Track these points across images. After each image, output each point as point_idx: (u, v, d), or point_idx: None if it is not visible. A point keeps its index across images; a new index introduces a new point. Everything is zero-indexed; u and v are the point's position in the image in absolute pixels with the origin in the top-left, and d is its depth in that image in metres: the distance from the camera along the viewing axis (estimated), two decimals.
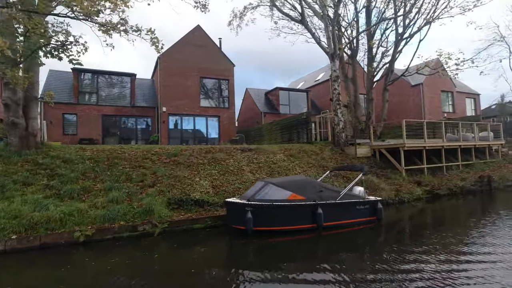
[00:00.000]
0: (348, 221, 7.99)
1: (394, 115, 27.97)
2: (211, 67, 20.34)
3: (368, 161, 14.24)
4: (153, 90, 21.20)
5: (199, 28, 20.21)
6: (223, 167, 11.24)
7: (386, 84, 15.76)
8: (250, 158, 12.27)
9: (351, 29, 17.09)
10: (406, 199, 11.56)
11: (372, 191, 11.59)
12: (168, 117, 18.85)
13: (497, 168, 16.05)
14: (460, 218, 9.74)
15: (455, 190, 12.94)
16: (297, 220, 7.51)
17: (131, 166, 10.33)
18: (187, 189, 9.51)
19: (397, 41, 14.93)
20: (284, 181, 8.18)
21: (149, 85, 21.88)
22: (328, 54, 14.27)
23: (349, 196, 8.20)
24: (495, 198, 12.88)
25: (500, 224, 8.11)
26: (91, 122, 17.74)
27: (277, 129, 18.18)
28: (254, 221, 7.20)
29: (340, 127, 14.78)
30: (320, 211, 7.52)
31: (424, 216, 10.32)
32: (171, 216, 8.38)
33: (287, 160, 12.76)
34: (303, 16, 14.18)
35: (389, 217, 9.85)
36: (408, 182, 12.78)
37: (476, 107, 30.84)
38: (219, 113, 20.46)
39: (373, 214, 8.33)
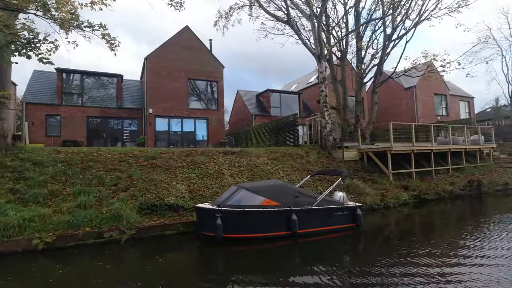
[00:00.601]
0: (325, 228, 7.65)
1: (388, 118, 27.68)
2: (200, 69, 20.04)
3: (355, 165, 13.94)
4: (141, 92, 20.87)
5: (187, 29, 19.93)
6: (202, 170, 10.89)
7: (375, 86, 15.48)
8: (232, 162, 11.93)
9: (340, 30, 16.84)
10: (391, 204, 11.24)
11: (356, 196, 11.30)
12: (155, 119, 18.50)
13: (487, 172, 15.77)
14: (446, 224, 9.40)
15: (443, 195, 12.62)
16: (270, 227, 7.16)
17: (106, 169, 9.97)
18: (161, 193, 9.15)
19: (385, 43, 14.68)
20: (258, 186, 7.84)
21: (138, 86, 21.55)
22: (315, 56, 13.98)
23: (327, 202, 7.87)
24: (484, 203, 12.57)
25: (488, 231, 7.78)
26: (75, 123, 17.37)
27: (265, 131, 17.87)
28: (224, 227, 6.85)
29: (327, 129, 14.48)
30: (295, 218, 7.18)
31: (409, 222, 9.98)
32: (141, 222, 8.02)
33: (271, 163, 12.42)
34: (289, 17, 13.91)
35: (372, 223, 9.55)
36: (395, 186, 12.46)
37: (470, 110, 30.65)
38: (208, 115, 20.13)
39: (353, 220, 8.00)
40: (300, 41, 14.56)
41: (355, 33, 15.94)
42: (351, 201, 10.74)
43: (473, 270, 5.02)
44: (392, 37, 14.77)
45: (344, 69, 16.63)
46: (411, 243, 6.98)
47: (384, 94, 28.54)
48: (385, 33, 14.73)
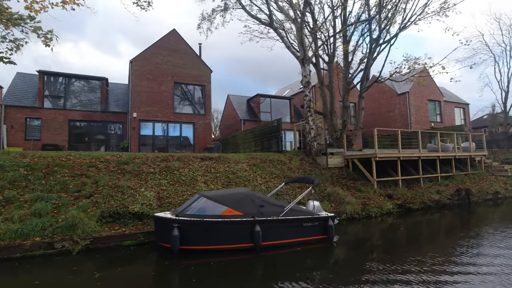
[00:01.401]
0: (292, 240, 7.16)
1: (381, 125, 27.31)
2: (187, 72, 19.73)
3: (339, 172, 13.48)
4: (128, 96, 20.53)
5: (174, 33, 19.68)
6: (175, 176, 10.45)
7: (361, 92, 15.08)
8: (208, 168, 11.49)
9: (328, 33, 16.52)
10: (373, 213, 10.73)
11: (337, 205, 10.85)
12: (139, 123, 18.12)
13: (478, 180, 15.27)
14: (429, 237, 8.87)
15: (429, 204, 12.12)
16: (231, 238, 6.69)
17: (72, 175, 9.54)
18: (127, 201, 8.70)
19: (371, 47, 14.32)
20: (221, 195, 7.39)
21: (124, 90, 21.23)
22: (299, 59, 13.63)
23: (296, 212, 7.39)
24: (472, 213, 12.03)
25: (475, 245, 7.26)
26: (56, 127, 16.99)
27: (251, 137, 17.45)
28: (181, 239, 6.40)
29: (312, 135, 14.05)
30: (258, 229, 6.71)
31: (388, 234, 9.44)
32: (99, 231, 7.57)
33: (249, 170, 11.97)
34: (272, 19, 13.59)
35: (350, 234, 9.06)
36: (379, 195, 11.97)
37: (465, 117, 30.21)
38: (194, 120, 19.75)
39: (324, 232, 7.51)
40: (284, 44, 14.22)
41: (341, 37, 15.60)
42: (330, 211, 10.35)
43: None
44: (379, 41, 14.42)
45: (332, 74, 16.25)
46: (386, 257, 6.47)
47: (377, 100, 28.22)
48: (371, 37, 14.38)
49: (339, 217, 10.21)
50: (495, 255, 6.27)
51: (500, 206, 13.36)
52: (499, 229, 8.88)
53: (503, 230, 8.72)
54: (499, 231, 8.55)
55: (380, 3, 14.01)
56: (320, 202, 10.98)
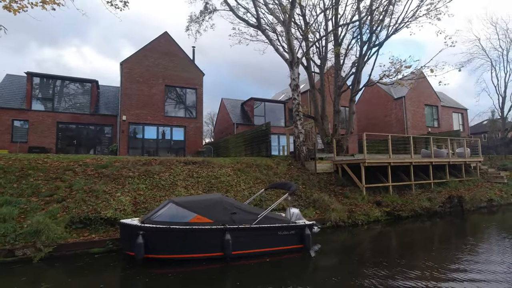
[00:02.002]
0: (266, 250, 6.80)
1: (377, 129, 26.95)
2: (178, 75, 19.52)
3: (328, 178, 13.11)
4: (119, 98, 20.33)
5: (166, 35, 19.51)
6: (154, 181, 10.14)
7: (352, 95, 14.77)
8: (191, 172, 11.17)
9: (319, 34, 16.26)
10: (360, 221, 10.33)
11: (322, 212, 10.48)
12: (129, 126, 17.88)
13: (473, 187, 14.82)
14: (415, 246, 8.46)
15: (420, 212, 11.70)
16: (199, 247, 6.34)
17: (46, 178, 9.24)
18: (100, 206, 8.39)
19: (361, 49, 14.05)
20: (191, 201, 7.07)
21: (116, 92, 21.04)
22: (287, 62, 13.36)
23: (270, 220, 7.03)
24: (464, 221, 11.61)
25: (463, 258, 6.88)
26: (44, 129, 16.78)
27: (241, 141, 17.14)
28: (146, 247, 6.06)
29: (301, 140, 13.72)
30: (229, 237, 6.36)
31: (373, 243, 9.02)
32: (66, 238, 7.25)
33: (233, 174, 11.64)
34: (259, 21, 13.35)
35: (332, 243, 8.67)
36: (367, 201, 11.57)
37: (464, 122, 29.78)
38: (185, 123, 19.49)
39: (300, 241, 7.14)
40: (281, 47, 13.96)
41: (333, 40, 15.33)
42: (315, 218, 9.97)
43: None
44: (370, 44, 14.14)
45: (323, 77, 15.97)
46: (366, 270, 6.08)
47: (374, 105, 27.90)
48: (362, 39, 14.11)
49: (323, 224, 9.89)
50: (486, 271, 5.85)
51: (494, 214, 12.92)
52: (491, 240, 8.48)
53: (495, 241, 8.32)
54: (491, 242, 8.13)
55: (370, 5, 13.76)
56: (305, 208, 10.70)
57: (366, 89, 29.37)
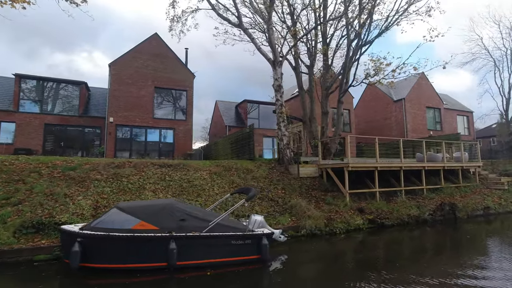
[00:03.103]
0: (217, 260, 6.27)
1: (377, 133, 26.01)
2: (168, 77, 19.28)
3: (311, 182, 12.48)
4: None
5: (156, 37, 19.33)
6: (122, 184, 9.76)
7: (339, 96, 14.12)
8: (163, 175, 10.76)
9: (311, 36, 15.70)
10: (338, 230, 9.67)
11: (298, 219, 9.87)
12: (116, 128, 17.67)
13: (470, 193, 13.91)
14: (390, 259, 7.78)
15: (407, 220, 10.94)
16: (140, 256, 5.87)
17: (7, 180, 8.97)
18: (56, 210, 8.04)
19: (348, 48, 13.41)
20: (136, 206, 6.64)
21: (105, 94, 20.94)
22: (270, 61, 12.87)
23: (224, 228, 6.50)
24: (456, 231, 10.80)
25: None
26: (31, 131, 16.74)
27: (228, 144, 16.70)
28: (83, 255, 5.64)
29: (284, 142, 13.17)
30: (173, 246, 5.87)
31: (347, 255, 8.35)
32: (11, 244, 6.90)
33: (208, 178, 11.17)
34: (240, 20, 12.93)
35: (301, 253, 8.05)
36: (349, 208, 10.90)
37: (469, 125, 28.53)
38: (175, 125, 19.18)
39: (257, 251, 6.58)
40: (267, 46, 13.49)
41: (321, 41, 14.75)
42: (289, 226, 9.39)
43: None
44: (359, 42, 13.50)
45: (312, 78, 15.39)
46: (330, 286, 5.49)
47: (374, 108, 27.06)
48: (349, 38, 13.48)
49: (297, 232, 9.30)
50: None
51: (491, 223, 12.04)
52: (480, 255, 7.71)
53: (483, 257, 7.55)
54: (479, 258, 7.33)
55: (360, 3, 13.16)
56: (280, 215, 10.11)
57: (365, 92, 28.58)
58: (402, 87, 25.29)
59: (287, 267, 6.92)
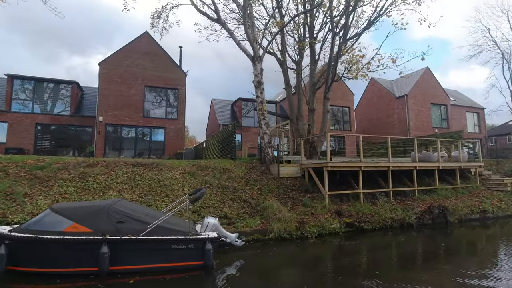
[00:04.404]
0: (154, 266, 5.89)
1: (379, 131, 25.03)
2: (159, 76, 19.13)
3: (292, 183, 11.91)
4: None
5: (147, 35, 19.20)
6: (87, 184, 9.56)
7: (325, 92, 13.43)
8: (133, 175, 10.50)
9: (299, 31, 15.08)
10: (310, 234, 9.07)
11: (269, 222, 9.34)
12: (106, 127, 17.67)
13: (468, 195, 12.91)
14: (360, 269, 7.16)
15: (391, 224, 10.21)
16: (70, 260, 5.57)
17: None
18: (12, 210, 7.92)
19: (333, 41, 12.69)
20: (72, 207, 6.34)
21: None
22: (249, 57, 12.37)
23: (165, 231, 6.10)
24: (446, 237, 9.94)
25: None
26: (22, 130, 16.98)
27: (216, 143, 16.34)
28: (10, 258, 5.39)
29: (266, 141, 12.65)
30: (106, 250, 5.52)
31: (312, 262, 7.73)
32: None
33: (180, 178, 10.83)
34: (218, 14, 12.49)
35: (261, 259, 7.52)
36: (327, 211, 10.27)
37: (480, 122, 26.92)
38: (165, 124, 19.01)
39: (200, 257, 6.14)
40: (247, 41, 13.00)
41: (308, 33, 14.09)
42: (258, 228, 8.90)
43: None
44: (346, 36, 12.78)
45: (300, 74, 14.77)
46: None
47: (376, 105, 26.01)
48: (333, 31, 12.76)
49: (264, 236, 8.80)
50: None
51: (487, 228, 11.09)
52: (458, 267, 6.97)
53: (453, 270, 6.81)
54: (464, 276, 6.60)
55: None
56: (251, 217, 9.62)
57: (368, 88, 27.54)
58: (405, 83, 24.17)
59: (236, 275, 6.42)
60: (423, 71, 23.91)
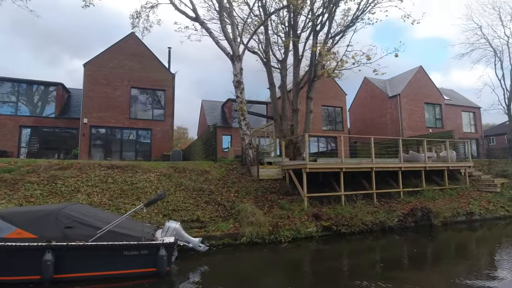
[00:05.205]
0: (103, 273, 5.58)
1: (373, 131, 24.59)
2: (146, 77, 18.90)
3: (272, 185, 11.59)
4: None
5: (133, 36, 18.98)
6: (55, 187, 9.29)
7: (308, 92, 13.10)
8: (106, 177, 10.23)
9: (284, 28, 14.77)
10: (284, 238, 8.72)
11: (242, 225, 9.01)
12: (91, 129, 17.46)
13: (456, 197, 12.51)
14: (327, 278, 6.80)
15: (371, 227, 9.83)
16: (11, 268, 5.28)
17: None
18: None
19: (314, 39, 12.35)
20: (17, 212, 6.06)
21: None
22: (228, 56, 12.09)
23: (117, 236, 5.80)
24: (426, 241, 9.55)
25: None
26: (6, 133, 16.80)
27: (201, 144, 16.07)
28: None
29: (246, 142, 12.35)
30: (49, 257, 5.24)
31: (281, 269, 7.40)
32: None
33: (155, 180, 10.54)
34: (196, 12, 12.23)
35: (226, 265, 7.17)
36: (305, 213, 9.91)
37: (476, 122, 26.42)
38: (152, 126, 18.77)
39: (153, 264, 5.83)
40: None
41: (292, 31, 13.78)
42: (230, 232, 8.57)
43: None
44: (329, 35, 12.46)
45: (284, 74, 14.47)
46: None
47: (369, 105, 25.63)
48: (315, 29, 12.44)
49: (235, 240, 8.47)
50: None
51: (473, 231, 10.68)
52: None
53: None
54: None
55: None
56: (224, 220, 9.30)
57: (361, 88, 27.16)
58: (398, 82, 23.77)
59: (196, 282, 6.10)
60: (417, 70, 23.53)
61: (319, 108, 22.88)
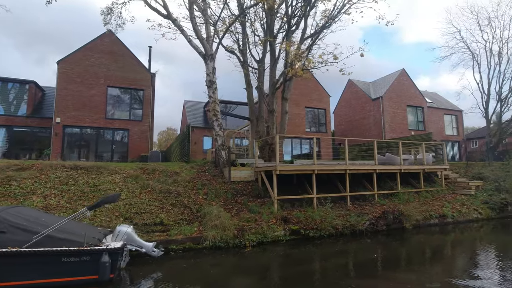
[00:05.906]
0: (38, 282, 5.19)
1: (356, 133, 24.65)
2: (123, 76, 18.41)
3: (243, 187, 11.31)
4: None
5: (110, 34, 18.48)
6: (9, 189, 8.81)
7: (283, 93, 12.89)
8: (66, 179, 9.78)
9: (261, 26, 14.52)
10: (249, 242, 8.43)
11: (206, 229, 8.67)
12: (64, 129, 16.88)
13: (431, 199, 12.44)
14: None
15: (341, 231, 9.61)
16: None
17: None
18: None
19: (289, 39, 12.16)
20: None
21: None
22: (201, 55, 11.79)
23: (56, 242, 5.42)
24: (394, 244, 9.39)
25: None
26: None
27: (178, 145, 15.71)
28: None
29: (219, 143, 12.04)
30: None
31: (240, 275, 7.12)
32: None
33: (120, 182, 10.14)
34: (168, 10, 11.90)
35: (181, 271, 6.81)
36: (273, 217, 9.65)
37: (458, 125, 26.68)
38: (129, 126, 18.28)
39: (95, 271, 5.46)
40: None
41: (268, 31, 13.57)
42: (194, 236, 8.23)
43: None
44: (304, 35, 12.28)
45: (262, 74, 14.22)
46: None
47: (353, 107, 25.64)
48: (289, 29, 12.26)
49: (198, 245, 8.14)
50: None
51: (445, 234, 10.57)
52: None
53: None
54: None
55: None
56: (188, 224, 8.95)
57: (346, 90, 27.17)
58: (381, 85, 23.83)
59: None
60: (399, 73, 23.64)
61: (302, 110, 22.73)
